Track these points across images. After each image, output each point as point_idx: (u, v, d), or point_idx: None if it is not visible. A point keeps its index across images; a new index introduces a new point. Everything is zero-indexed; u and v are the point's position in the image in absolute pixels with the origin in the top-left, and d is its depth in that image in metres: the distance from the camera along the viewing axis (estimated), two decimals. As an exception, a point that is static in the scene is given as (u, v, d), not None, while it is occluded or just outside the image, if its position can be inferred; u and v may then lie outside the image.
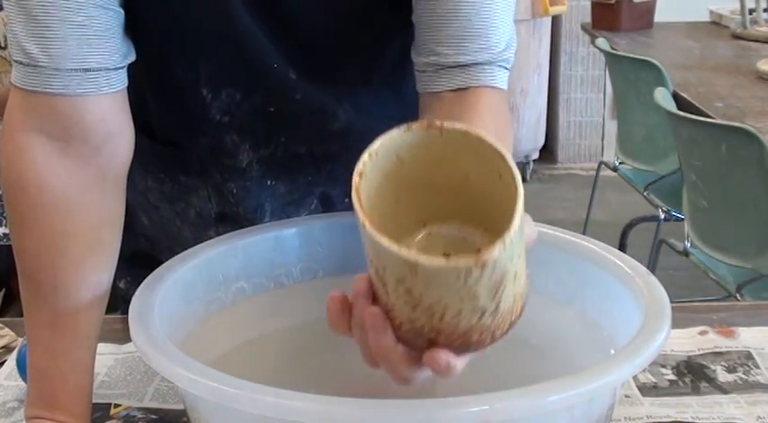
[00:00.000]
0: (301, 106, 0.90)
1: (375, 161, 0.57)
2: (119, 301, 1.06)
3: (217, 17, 0.83)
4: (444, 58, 0.80)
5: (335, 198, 0.97)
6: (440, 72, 0.81)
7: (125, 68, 0.80)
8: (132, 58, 0.81)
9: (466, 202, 0.61)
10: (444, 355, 0.55)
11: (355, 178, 0.55)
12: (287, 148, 0.94)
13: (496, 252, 0.52)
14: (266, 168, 0.95)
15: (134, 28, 0.81)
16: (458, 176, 0.59)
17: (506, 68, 0.82)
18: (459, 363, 0.57)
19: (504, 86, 0.83)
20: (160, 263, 0.75)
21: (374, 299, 0.57)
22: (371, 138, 0.58)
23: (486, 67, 0.80)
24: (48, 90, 0.75)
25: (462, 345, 0.56)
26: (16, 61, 0.76)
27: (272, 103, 0.90)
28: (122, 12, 0.78)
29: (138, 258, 1.03)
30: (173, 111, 0.93)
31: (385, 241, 0.52)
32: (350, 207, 0.56)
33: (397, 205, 0.60)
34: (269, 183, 0.96)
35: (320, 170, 0.96)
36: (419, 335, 0.56)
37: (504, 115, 0.82)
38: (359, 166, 0.56)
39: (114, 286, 0.99)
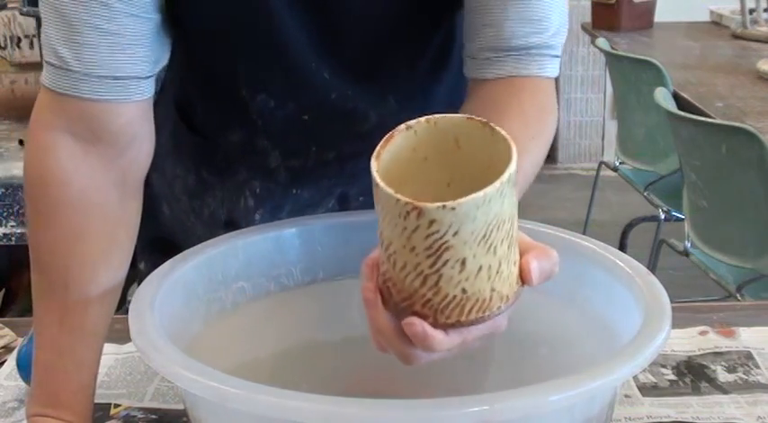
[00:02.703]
0: (335, 108, 0.90)
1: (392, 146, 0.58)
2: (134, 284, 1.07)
3: (258, 16, 0.83)
4: (497, 42, 0.81)
5: (352, 197, 0.98)
6: (491, 59, 0.82)
7: (154, 77, 0.80)
8: (164, 62, 0.82)
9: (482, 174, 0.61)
10: (418, 322, 0.57)
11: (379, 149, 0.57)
12: (317, 157, 0.94)
13: (434, 209, 0.54)
14: (293, 176, 0.95)
15: (178, 23, 0.82)
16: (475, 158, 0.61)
17: (556, 56, 0.84)
18: (439, 335, 0.57)
19: (553, 74, 0.84)
20: (178, 250, 0.76)
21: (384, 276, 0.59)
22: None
23: (536, 55, 0.82)
24: (77, 94, 0.75)
25: (426, 316, 0.57)
26: (47, 62, 0.76)
27: (306, 110, 0.90)
28: (158, 16, 0.79)
29: (158, 244, 1.04)
30: (212, 104, 0.94)
31: (390, 191, 0.54)
32: (365, 205, 0.57)
33: (425, 163, 0.61)
34: (294, 191, 0.97)
35: (343, 170, 0.96)
36: (410, 305, 0.58)
37: (546, 106, 0.84)
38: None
39: (134, 268, 1.01)
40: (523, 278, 0.60)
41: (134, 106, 0.78)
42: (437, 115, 0.59)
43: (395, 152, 0.59)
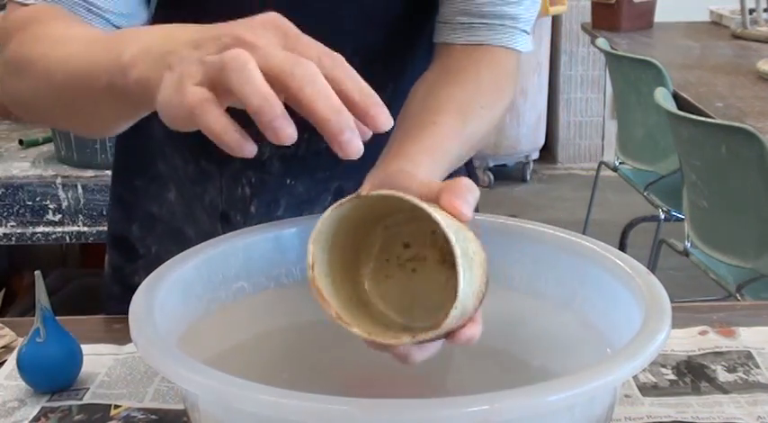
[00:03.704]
0: None
1: (322, 243, 0.65)
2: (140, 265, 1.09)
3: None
4: (472, 8, 0.84)
5: (348, 192, 0.98)
6: (464, 24, 0.85)
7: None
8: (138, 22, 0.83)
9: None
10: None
11: (309, 273, 0.63)
12: (309, 145, 0.94)
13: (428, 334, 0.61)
14: (287, 167, 0.95)
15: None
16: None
17: (526, 31, 0.87)
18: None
19: (523, 49, 0.87)
20: (180, 234, 0.76)
21: None
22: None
23: (509, 26, 0.85)
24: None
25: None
26: None
27: None
28: None
29: (161, 227, 1.06)
30: None
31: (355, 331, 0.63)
32: None
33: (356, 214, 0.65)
34: (288, 182, 0.96)
35: (338, 163, 0.96)
36: None
37: (504, 79, 0.87)
38: (309, 259, 0.64)
39: (145, 247, 1.04)
40: (461, 219, 0.63)
41: None
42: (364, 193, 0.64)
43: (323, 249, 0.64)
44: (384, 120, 0.57)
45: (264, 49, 0.55)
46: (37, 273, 0.87)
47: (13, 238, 1.96)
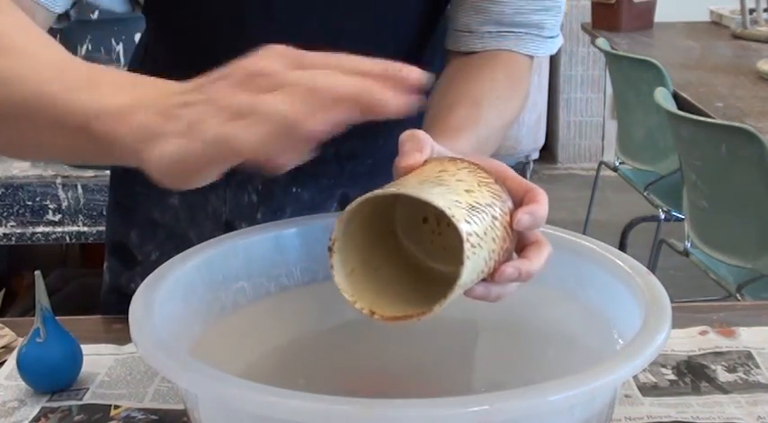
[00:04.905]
0: None
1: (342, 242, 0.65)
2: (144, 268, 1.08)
3: (259, 12, 0.84)
4: (502, 17, 0.85)
5: (353, 199, 0.98)
6: (492, 33, 0.86)
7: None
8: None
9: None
10: None
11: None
12: (315, 152, 0.94)
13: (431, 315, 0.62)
14: (293, 175, 0.95)
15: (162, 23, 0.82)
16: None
17: (552, 37, 0.88)
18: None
19: (547, 52, 0.89)
20: (181, 239, 0.76)
21: None
22: (397, 131, 0.62)
23: (535, 35, 0.86)
24: None
25: None
26: None
27: None
28: None
29: (163, 234, 1.05)
30: None
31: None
32: None
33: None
34: (294, 190, 0.96)
35: (343, 170, 0.96)
36: None
37: (522, 77, 0.88)
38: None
39: (144, 254, 1.03)
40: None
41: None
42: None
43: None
44: (417, 73, 0.55)
45: (278, 73, 0.54)
46: (37, 273, 0.87)
47: (13, 238, 1.96)
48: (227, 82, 0.54)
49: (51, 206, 1.94)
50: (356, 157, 0.95)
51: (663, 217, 2.58)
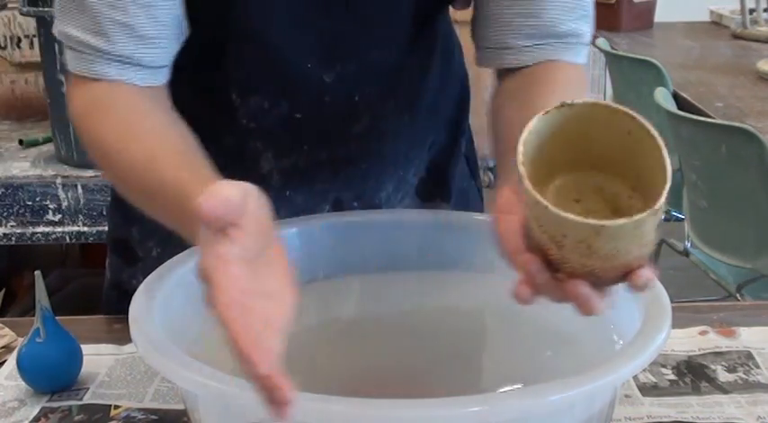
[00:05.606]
0: (328, 107, 0.90)
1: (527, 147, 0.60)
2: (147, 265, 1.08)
3: (257, 18, 0.84)
4: (538, 30, 0.84)
5: (346, 203, 0.98)
6: (531, 47, 0.85)
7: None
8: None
9: (587, 155, 0.64)
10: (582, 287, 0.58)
11: (520, 166, 0.59)
12: (309, 156, 0.94)
13: (663, 199, 0.59)
14: (286, 179, 0.95)
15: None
16: (582, 138, 0.63)
17: (586, 44, 0.88)
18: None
19: (584, 61, 0.88)
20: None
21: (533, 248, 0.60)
22: (389, 138, 0.61)
23: (574, 43, 0.86)
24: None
25: (620, 275, 0.59)
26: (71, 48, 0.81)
27: (299, 108, 0.91)
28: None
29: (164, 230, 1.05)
30: (201, 109, 0.94)
31: (571, 216, 0.56)
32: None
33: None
34: (287, 194, 0.96)
35: (337, 174, 0.96)
36: (587, 274, 0.59)
37: (579, 82, 0.87)
38: (519, 156, 0.59)
39: (145, 250, 1.03)
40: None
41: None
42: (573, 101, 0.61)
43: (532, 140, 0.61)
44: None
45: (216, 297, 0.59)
46: (37, 273, 0.87)
47: (13, 238, 1.96)
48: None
49: (51, 206, 1.94)
50: (350, 161, 0.95)
51: (663, 217, 2.57)
